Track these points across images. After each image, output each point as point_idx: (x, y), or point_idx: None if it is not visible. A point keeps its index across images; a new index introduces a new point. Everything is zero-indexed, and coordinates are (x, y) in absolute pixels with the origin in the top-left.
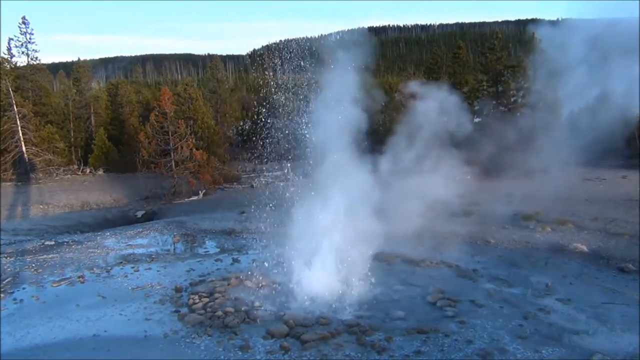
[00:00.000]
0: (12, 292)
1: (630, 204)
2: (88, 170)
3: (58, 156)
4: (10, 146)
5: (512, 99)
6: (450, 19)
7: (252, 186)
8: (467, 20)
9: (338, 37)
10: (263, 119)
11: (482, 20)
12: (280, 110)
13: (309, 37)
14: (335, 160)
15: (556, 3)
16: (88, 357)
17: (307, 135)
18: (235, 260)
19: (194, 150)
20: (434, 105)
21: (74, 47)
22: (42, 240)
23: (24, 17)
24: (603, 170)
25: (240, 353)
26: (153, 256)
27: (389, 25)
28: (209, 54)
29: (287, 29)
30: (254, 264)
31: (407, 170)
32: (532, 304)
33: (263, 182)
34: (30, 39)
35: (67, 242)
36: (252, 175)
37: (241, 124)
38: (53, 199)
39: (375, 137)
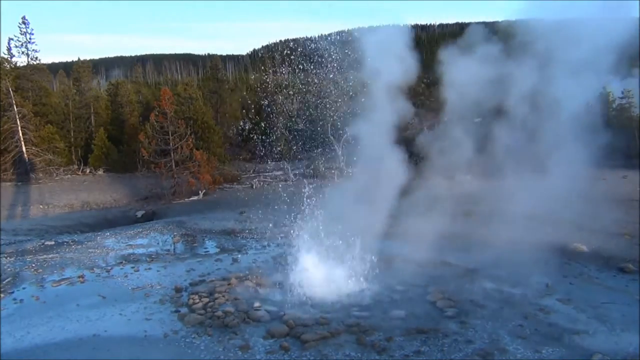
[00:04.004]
0: (12, 292)
1: (630, 204)
2: (88, 170)
3: (58, 156)
4: (10, 146)
5: None
6: (450, 19)
7: (252, 186)
8: (467, 20)
9: (338, 37)
10: None
11: (482, 20)
12: None
13: (309, 37)
14: None
15: (556, 3)
16: (88, 357)
17: None
18: (235, 260)
19: (194, 150)
20: None
21: (74, 47)
22: (42, 240)
23: (24, 17)
24: (603, 170)
25: (240, 353)
26: (153, 256)
27: (389, 25)
28: (209, 54)
29: (287, 29)
30: (254, 264)
31: None
32: (532, 304)
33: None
34: (30, 39)
35: (67, 242)
36: (252, 175)
37: (241, 124)
38: (53, 199)
39: None
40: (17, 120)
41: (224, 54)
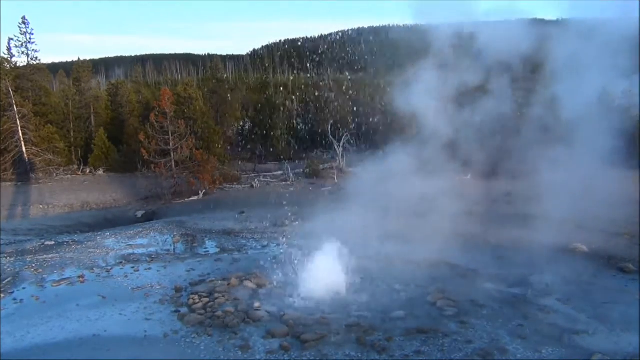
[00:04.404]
0: (12, 292)
1: (630, 204)
2: (88, 170)
3: (58, 156)
4: (10, 146)
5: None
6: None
7: (252, 186)
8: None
9: (338, 37)
10: None
11: (482, 20)
12: None
13: (309, 37)
14: None
15: (557, 3)
16: (88, 357)
17: None
18: (235, 260)
19: (194, 150)
20: None
21: (74, 47)
22: (42, 240)
23: (24, 17)
24: (603, 170)
25: (240, 353)
26: (153, 256)
27: (389, 25)
28: (209, 54)
29: (287, 29)
30: (254, 264)
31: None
32: (532, 304)
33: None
34: (30, 39)
35: (67, 242)
36: (252, 175)
37: (241, 124)
38: (53, 199)
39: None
40: (17, 120)
41: (224, 54)
